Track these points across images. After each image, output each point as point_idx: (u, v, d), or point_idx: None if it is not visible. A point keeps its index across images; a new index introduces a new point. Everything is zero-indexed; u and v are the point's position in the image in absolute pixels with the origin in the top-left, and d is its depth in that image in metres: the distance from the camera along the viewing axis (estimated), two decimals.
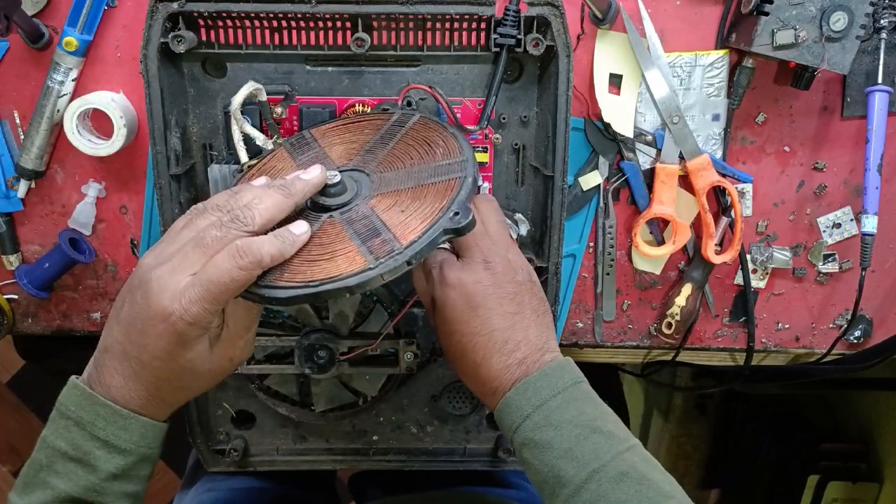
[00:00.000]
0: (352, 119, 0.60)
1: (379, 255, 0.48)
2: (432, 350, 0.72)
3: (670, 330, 0.77)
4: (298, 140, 0.61)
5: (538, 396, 0.53)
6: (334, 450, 0.75)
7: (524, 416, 0.53)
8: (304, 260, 0.50)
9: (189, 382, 0.53)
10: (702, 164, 0.71)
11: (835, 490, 1.27)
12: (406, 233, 0.50)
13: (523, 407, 0.53)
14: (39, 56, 0.68)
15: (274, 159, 0.61)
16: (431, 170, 0.55)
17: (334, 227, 0.52)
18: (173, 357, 0.49)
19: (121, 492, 0.51)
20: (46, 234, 0.74)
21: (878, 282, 0.78)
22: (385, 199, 0.54)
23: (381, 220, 0.52)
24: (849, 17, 0.63)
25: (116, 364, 0.51)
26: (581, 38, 0.70)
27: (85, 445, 0.50)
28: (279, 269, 0.49)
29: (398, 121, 0.60)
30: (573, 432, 0.52)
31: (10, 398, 1.73)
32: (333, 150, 0.60)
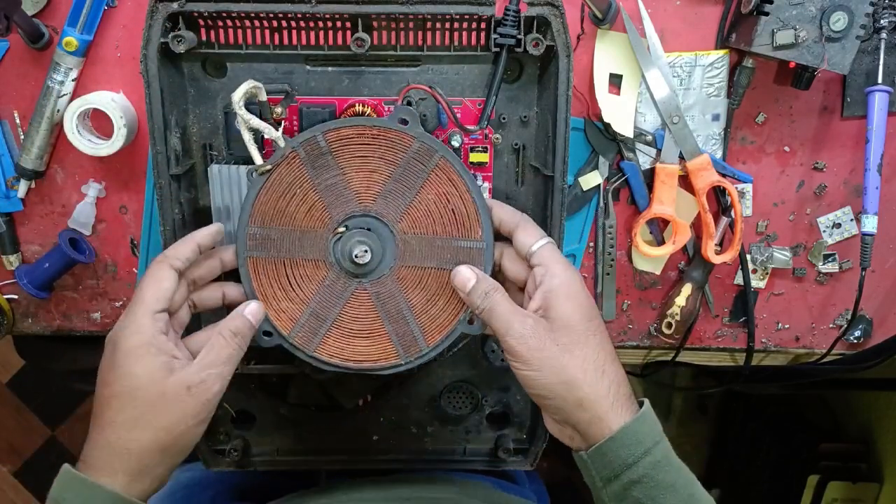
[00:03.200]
0: (367, 127, 0.58)
1: (409, 352, 0.61)
2: None
3: (670, 330, 0.77)
4: (313, 147, 0.59)
5: (656, 430, 0.52)
6: (334, 450, 0.75)
7: (645, 450, 0.51)
8: (341, 332, 0.61)
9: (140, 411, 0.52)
10: (702, 164, 0.71)
11: (835, 490, 1.27)
12: (432, 332, 0.61)
13: (645, 439, 0.52)
14: (39, 56, 0.68)
15: (289, 169, 0.59)
16: (453, 251, 0.60)
17: (366, 300, 0.61)
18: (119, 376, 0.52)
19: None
20: (46, 234, 0.74)
21: (878, 282, 0.78)
22: (409, 273, 0.61)
23: (409, 305, 0.61)
24: (849, 17, 0.63)
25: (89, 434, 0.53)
26: (581, 38, 0.70)
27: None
28: (320, 339, 0.61)
29: (419, 155, 0.59)
30: (689, 477, 0.53)
31: (10, 398, 1.73)
32: (353, 179, 0.59)
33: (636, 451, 0.51)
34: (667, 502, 0.51)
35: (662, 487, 0.51)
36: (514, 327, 0.54)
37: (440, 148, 0.59)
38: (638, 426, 0.52)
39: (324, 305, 0.61)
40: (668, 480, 0.51)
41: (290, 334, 0.61)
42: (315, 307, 0.61)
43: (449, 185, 0.60)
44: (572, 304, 0.55)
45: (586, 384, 0.53)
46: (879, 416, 1.30)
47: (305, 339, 0.61)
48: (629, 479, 0.51)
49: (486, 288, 0.57)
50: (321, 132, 0.58)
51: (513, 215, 0.60)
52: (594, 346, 0.54)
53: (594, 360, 0.54)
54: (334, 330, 0.61)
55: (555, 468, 1.62)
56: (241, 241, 0.60)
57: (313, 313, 0.61)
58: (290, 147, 0.59)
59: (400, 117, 0.59)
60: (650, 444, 0.52)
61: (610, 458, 0.52)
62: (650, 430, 0.52)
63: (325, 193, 0.59)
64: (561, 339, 0.54)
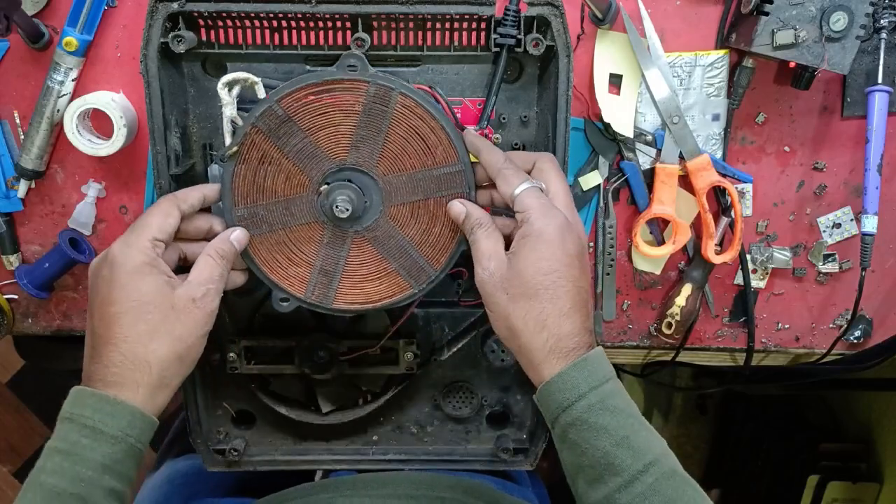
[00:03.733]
0: (320, 85, 0.58)
1: (419, 280, 0.63)
2: (432, 350, 0.72)
3: (670, 330, 0.77)
4: (272, 118, 0.59)
5: (595, 377, 0.53)
6: (334, 450, 0.75)
7: (579, 395, 0.52)
8: (353, 281, 0.63)
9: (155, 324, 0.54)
10: (702, 164, 0.71)
11: (835, 490, 1.28)
12: (435, 257, 0.63)
13: (580, 385, 0.53)
14: (39, 56, 0.68)
15: (255, 145, 0.59)
16: (434, 180, 0.61)
17: (367, 246, 0.62)
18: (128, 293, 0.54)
19: (108, 488, 0.51)
20: (46, 234, 0.74)
21: (878, 282, 0.78)
22: (400, 211, 0.62)
23: (408, 240, 0.62)
24: (849, 17, 0.63)
25: (95, 354, 0.54)
26: (581, 38, 0.70)
27: (72, 437, 0.51)
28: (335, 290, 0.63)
29: (377, 98, 0.59)
30: (627, 421, 0.52)
31: (10, 398, 1.73)
32: (320, 137, 0.60)
33: (570, 395, 0.53)
34: (599, 442, 0.52)
35: (595, 429, 0.52)
36: (481, 266, 0.57)
37: (395, 84, 0.59)
38: (573, 373, 0.53)
39: (329, 261, 0.62)
40: (602, 423, 0.52)
41: (305, 294, 0.63)
42: (321, 265, 0.62)
43: (414, 118, 0.60)
44: (533, 255, 0.55)
45: (523, 335, 0.55)
46: (879, 416, 1.30)
47: (321, 295, 0.63)
48: (564, 422, 0.53)
49: (472, 223, 0.59)
50: (274, 100, 0.58)
51: (494, 162, 0.59)
52: (542, 300, 0.54)
53: (536, 314, 0.55)
54: (345, 280, 0.63)
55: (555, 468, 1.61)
56: (231, 226, 0.61)
57: (321, 271, 0.63)
58: (250, 123, 0.59)
59: (347, 64, 0.59)
60: (585, 389, 0.53)
61: (548, 401, 0.54)
62: (588, 376, 0.53)
63: (298, 158, 0.60)
64: (511, 288, 0.55)
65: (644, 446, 0.52)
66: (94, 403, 0.52)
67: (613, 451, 0.51)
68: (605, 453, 0.51)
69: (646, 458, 0.51)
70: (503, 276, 0.56)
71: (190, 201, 0.59)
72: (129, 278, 0.54)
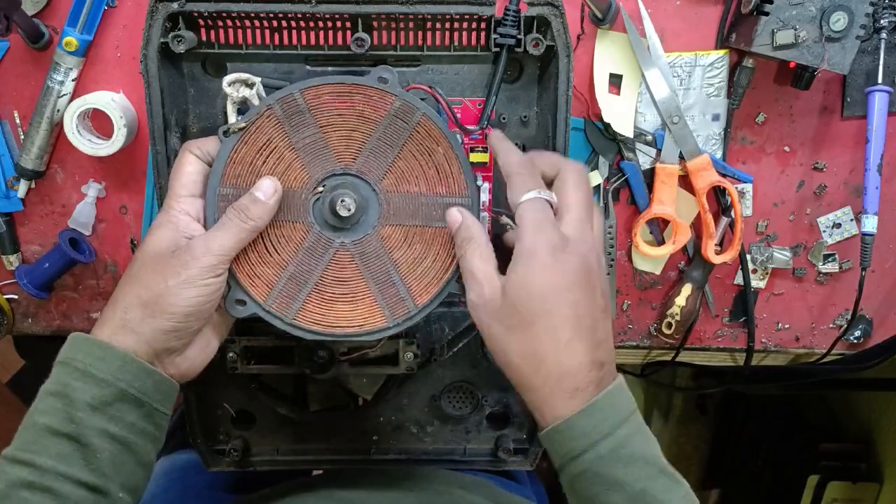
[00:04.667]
0: (346, 86, 0.57)
1: (396, 314, 0.58)
2: (432, 350, 0.72)
3: (670, 330, 0.77)
4: (290, 105, 0.57)
5: (608, 422, 0.48)
6: (334, 450, 0.75)
7: (589, 444, 0.48)
8: (322, 297, 0.57)
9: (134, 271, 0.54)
10: (702, 164, 0.71)
11: (835, 490, 1.28)
12: (420, 292, 0.58)
13: (589, 433, 0.48)
14: (39, 56, 0.68)
15: (264, 128, 0.57)
16: (438, 208, 0.58)
17: (349, 262, 0.58)
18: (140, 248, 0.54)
19: (100, 428, 0.50)
20: (46, 234, 0.74)
21: (878, 282, 0.78)
22: (394, 232, 0.58)
23: (394, 265, 0.58)
24: (849, 17, 0.63)
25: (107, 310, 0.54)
26: (581, 38, 0.70)
27: (64, 378, 0.51)
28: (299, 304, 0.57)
29: (401, 112, 0.58)
30: (643, 472, 0.47)
31: (10, 398, 1.72)
32: (332, 137, 0.58)
33: (579, 444, 0.48)
34: (611, 499, 0.47)
35: (607, 484, 0.47)
36: (473, 291, 0.52)
37: (421, 106, 0.58)
38: (582, 420, 0.48)
39: (303, 268, 0.57)
40: (615, 476, 0.47)
41: (266, 301, 0.57)
42: (293, 270, 0.57)
43: (432, 142, 0.58)
44: (525, 279, 0.49)
45: (521, 372, 0.50)
46: (879, 416, 1.30)
47: (283, 305, 0.57)
48: (571, 473, 0.49)
49: (464, 235, 0.54)
50: (299, 89, 0.57)
51: (506, 165, 0.55)
52: (537, 331, 0.49)
53: (534, 349, 0.49)
54: (314, 294, 0.57)
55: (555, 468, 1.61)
56: (212, 203, 0.57)
57: (291, 277, 0.57)
58: (266, 104, 0.56)
59: (379, 76, 0.57)
60: (596, 438, 0.47)
61: (553, 448, 0.50)
62: (600, 422, 0.48)
63: (303, 152, 0.57)
64: (506, 318, 0.50)
65: (663, 499, 0.47)
66: (86, 347, 0.52)
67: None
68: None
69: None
70: (497, 305, 0.50)
71: (206, 147, 0.57)
72: (148, 234, 0.55)
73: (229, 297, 0.57)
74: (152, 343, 0.52)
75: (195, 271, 0.52)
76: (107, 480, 0.50)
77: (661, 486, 0.47)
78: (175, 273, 0.52)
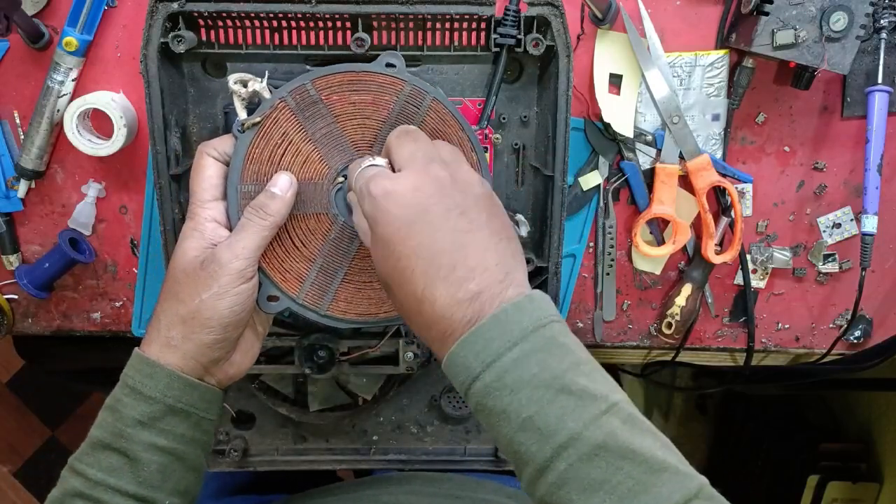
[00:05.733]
0: (356, 73, 0.57)
1: None
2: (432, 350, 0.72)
3: (670, 330, 0.77)
4: (303, 96, 0.57)
5: (489, 350, 0.43)
6: (334, 450, 0.75)
7: (473, 377, 0.44)
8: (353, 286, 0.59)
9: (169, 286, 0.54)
10: (702, 164, 0.71)
11: (835, 490, 1.28)
12: None
13: (471, 364, 0.44)
14: (39, 56, 0.68)
15: (279, 121, 0.57)
16: None
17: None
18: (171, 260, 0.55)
19: (148, 442, 0.52)
20: (46, 234, 0.74)
21: (878, 282, 0.78)
22: None
23: None
24: (849, 17, 0.63)
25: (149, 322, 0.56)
26: (581, 38, 0.70)
27: (118, 394, 0.53)
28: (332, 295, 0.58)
29: (412, 98, 0.58)
30: (534, 395, 0.42)
31: (10, 398, 1.73)
32: (347, 127, 0.57)
33: (464, 378, 0.45)
34: (501, 430, 0.44)
35: (495, 415, 0.43)
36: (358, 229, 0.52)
37: (430, 90, 0.58)
38: (459, 354, 0.45)
39: (331, 259, 0.58)
40: (499, 406, 0.43)
41: (298, 295, 0.58)
42: (322, 262, 0.58)
43: (443, 125, 0.59)
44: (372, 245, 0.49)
45: (409, 323, 0.49)
46: (879, 416, 1.30)
47: (316, 297, 0.58)
48: (472, 408, 0.46)
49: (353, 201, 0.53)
50: (310, 80, 0.57)
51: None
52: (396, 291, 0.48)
53: (400, 304, 0.48)
54: (345, 284, 0.59)
55: None
56: (234, 202, 0.56)
57: (321, 269, 0.58)
58: (279, 97, 0.57)
59: (387, 62, 0.58)
60: (478, 369, 0.44)
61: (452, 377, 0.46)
62: (479, 352, 0.44)
63: (320, 143, 0.57)
64: (377, 250, 0.49)
65: (555, 423, 0.42)
66: (137, 365, 0.54)
67: (517, 437, 0.43)
68: (509, 441, 0.43)
69: (556, 439, 0.41)
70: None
71: (222, 148, 0.57)
72: (177, 247, 0.56)
73: (261, 294, 0.57)
74: (198, 358, 0.54)
75: (225, 280, 0.53)
76: (155, 491, 0.52)
77: (556, 408, 0.42)
78: (207, 286, 0.53)
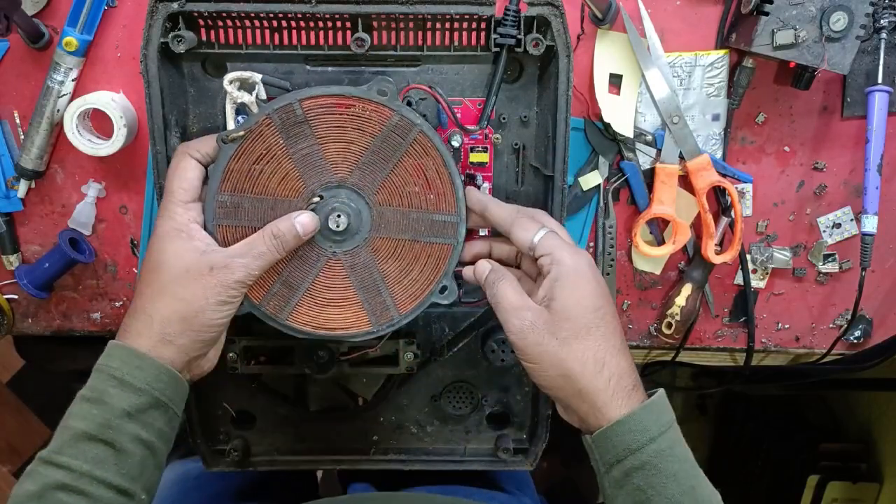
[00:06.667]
0: (346, 96, 0.58)
1: (381, 320, 0.62)
2: (432, 350, 0.72)
3: (670, 330, 0.77)
4: (289, 115, 0.58)
5: (662, 420, 0.52)
6: (334, 450, 0.75)
7: (650, 438, 0.51)
8: (314, 301, 0.61)
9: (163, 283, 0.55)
10: (702, 164, 0.71)
11: (835, 490, 1.28)
12: (405, 301, 0.62)
13: (650, 428, 0.52)
14: (39, 56, 0.68)
15: (262, 137, 0.58)
16: (427, 224, 0.61)
17: (339, 270, 0.61)
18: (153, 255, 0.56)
19: (134, 434, 0.53)
20: (46, 234, 0.74)
21: (878, 282, 0.78)
22: (384, 244, 0.61)
23: (382, 275, 0.61)
24: (849, 17, 0.63)
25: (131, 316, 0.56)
26: (581, 38, 0.70)
27: (101, 385, 0.53)
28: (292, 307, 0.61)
29: (398, 128, 0.59)
30: (693, 470, 0.52)
31: (10, 398, 1.72)
32: (329, 149, 0.59)
33: (641, 438, 0.52)
34: (667, 490, 0.51)
35: (664, 475, 0.51)
36: (513, 322, 0.56)
37: (419, 122, 0.59)
38: (644, 415, 0.52)
39: (296, 275, 0.61)
40: (671, 470, 0.51)
41: (260, 303, 0.61)
42: (287, 276, 0.61)
43: (426, 158, 0.60)
44: (576, 294, 0.55)
45: (584, 377, 0.54)
46: (879, 416, 1.30)
47: (277, 307, 0.61)
48: (631, 465, 0.52)
49: (493, 278, 0.59)
50: (297, 99, 0.58)
51: (507, 214, 0.60)
52: (596, 338, 0.54)
53: (594, 353, 0.54)
54: (306, 299, 0.61)
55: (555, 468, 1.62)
56: (210, 209, 0.59)
57: (285, 282, 0.61)
58: (265, 113, 0.58)
59: (378, 88, 0.58)
60: (655, 433, 0.52)
61: (614, 443, 0.53)
62: (657, 419, 0.52)
63: (300, 163, 0.59)
64: (560, 331, 0.54)
65: (707, 499, 0.52)
66: (123, 356, 0.54)
67: (681, 499, 0.51)
68: (670, 500, 0.51)
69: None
70: (547, 323, 0.55)
71: (204, 149, 0.59)
72: (158, 243, 0.56)
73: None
74: (189, 353, 0.56)
75: (234, 291, 0.56)
76: (133, 483, 0.53)
77: (706, 486, 0.52)
78: (216, 292, 0.55)
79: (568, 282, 0.55)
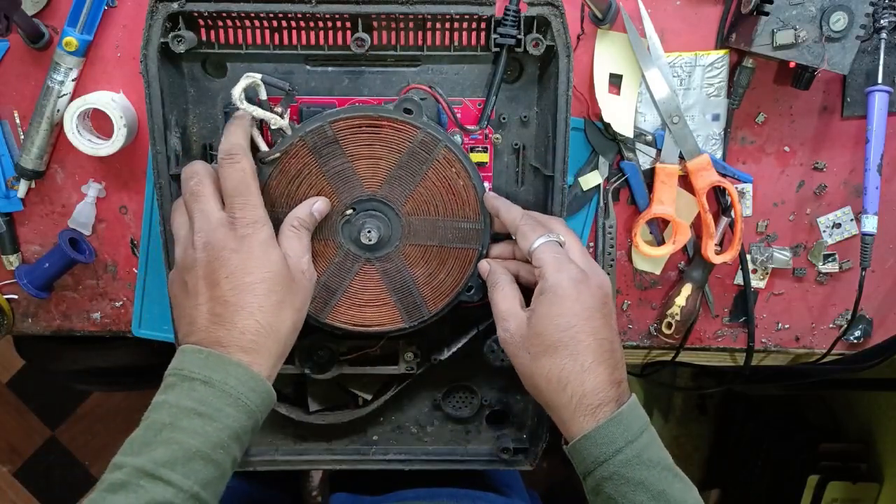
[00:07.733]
0: (373, 117, 0.60)
1: (413, 317, 0.66)
2: (432, 350, 0.72)
3: (670, 330, 0.77)
4: (320, 136, 0.60)
5: (630, 431, 0.53)
6: (334, 450, 0.75)
7: (616, 450, 0.53)
8: (351, 302, 0.65)
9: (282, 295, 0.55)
10: (702, 164, 0.71)
11: (835, 490, 1.27)
12: (433, 300, 0.65)
13: (616, 440, 0.53)
14: (39, 56, 0.68)
15: (297, 157, 0.60)
16: (453, 231, 0.64)
17: (373, 275, 0.65)
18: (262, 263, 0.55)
19: (234, 457, 0.52)
20: (46, 234, 0.74)
21: (878, 282, 0.78)
22: (413, 251, 0.64)
23: (413, 278, 0.65)
24: (849, 17, 0.63)
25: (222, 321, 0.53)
26: (581, 38, 0.70)
27: (216, 402, 0.50)
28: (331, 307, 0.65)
29: (423, 143, 0.61)
30: (662, 475, 0.53)
31: (10, 398, 1.73)
32: (360, 165, 0.61)
33: (606, 450, 0.53)
34: (636, 497, 0.52)
35: (632, 484, 0.52)
36: (498, 328, 0.59)
37: (443, 137, 0.61)
38: (610, 428, 0.53)
39: (334, 279, 0.64)
40: (639, 477, 0.52)
41: None
42: (326, 280, 0.64)
43: (451, 171, 0.62)
44: (551, 311, 0.55)
45: (548, 393, 0.56)
46: (879, 416, 1.30)
47: (317, 307, 0.64)
48: (601, 476, 0.53)
49: (491, 280, 0.62)
50: (328, 121, 0.60)
51: (513, 219, 0.61)
52: (562, 357, 0.55)
53: (558, 372, 0.55)
54: (344, 300, 0.65)
55: (555, 468, 1.62)
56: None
57: (325, 286, 0.64)
58: (298, 136, 0.60)
59: (405, 107, 0.61)
60: (622, 444, 0.53)
61: (583, 456, 0.54)
62: (625, 430, 0.53)
63: (333, 179, 0.62)
64: (532, 346, 0.56)
65: (680, 499, 0.53)
66: (240, 375, 0.52)
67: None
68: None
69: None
70: (523, 336, 0.57)
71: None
72: (262, 250, 0.55)
73: None
74: (278, 365, 0.56)
75: (312, 290, 0.60)
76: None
77: (677, 488, 0.53)
78: (311, 294, 0.59)
79: (546, 297, 0.56)
